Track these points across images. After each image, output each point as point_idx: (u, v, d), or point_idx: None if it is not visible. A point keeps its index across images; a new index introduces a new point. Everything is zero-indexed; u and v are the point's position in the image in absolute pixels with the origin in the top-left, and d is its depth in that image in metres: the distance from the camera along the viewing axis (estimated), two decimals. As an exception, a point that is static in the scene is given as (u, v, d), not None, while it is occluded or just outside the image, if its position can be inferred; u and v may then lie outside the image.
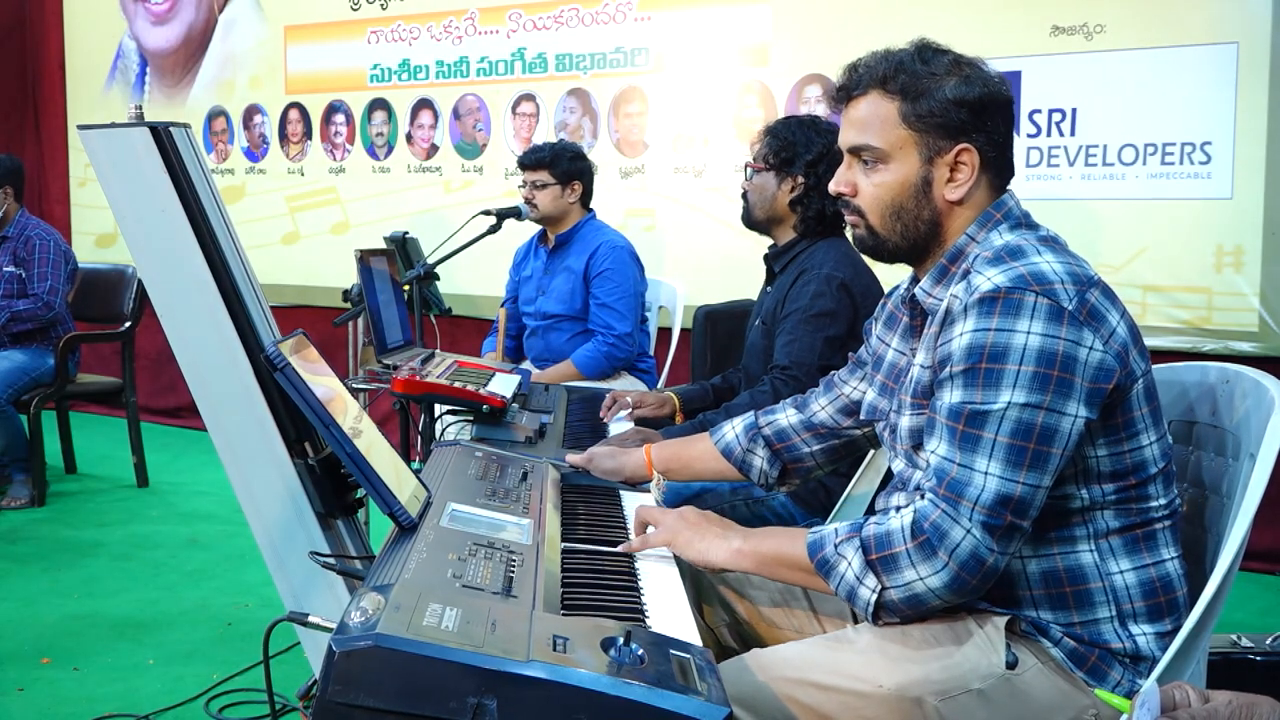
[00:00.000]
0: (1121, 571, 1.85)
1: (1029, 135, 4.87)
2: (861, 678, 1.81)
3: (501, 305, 4.94)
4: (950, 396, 1.80)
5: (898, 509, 1.86)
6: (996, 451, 1.75)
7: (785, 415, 2.41)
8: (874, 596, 1.81)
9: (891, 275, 2.31)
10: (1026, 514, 1.75)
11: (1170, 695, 1.28)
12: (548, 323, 4.69)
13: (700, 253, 5.70)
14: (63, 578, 4.49)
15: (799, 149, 3.22)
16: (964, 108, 1.91)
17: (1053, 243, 1.89)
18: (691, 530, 2.02)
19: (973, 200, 1.94)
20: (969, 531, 1.74)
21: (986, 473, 1.74)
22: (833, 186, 2.02)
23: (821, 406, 2.36)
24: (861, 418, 2.22)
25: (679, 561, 2.02)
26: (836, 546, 1.85)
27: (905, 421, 1.98)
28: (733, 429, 2.45)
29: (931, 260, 1.97)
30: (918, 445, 1.94)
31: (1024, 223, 1.94)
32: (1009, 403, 1.74)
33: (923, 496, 1.82)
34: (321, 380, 1.87)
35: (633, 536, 2.08)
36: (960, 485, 1.76)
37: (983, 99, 1.92)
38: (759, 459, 2.41)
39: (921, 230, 1.95)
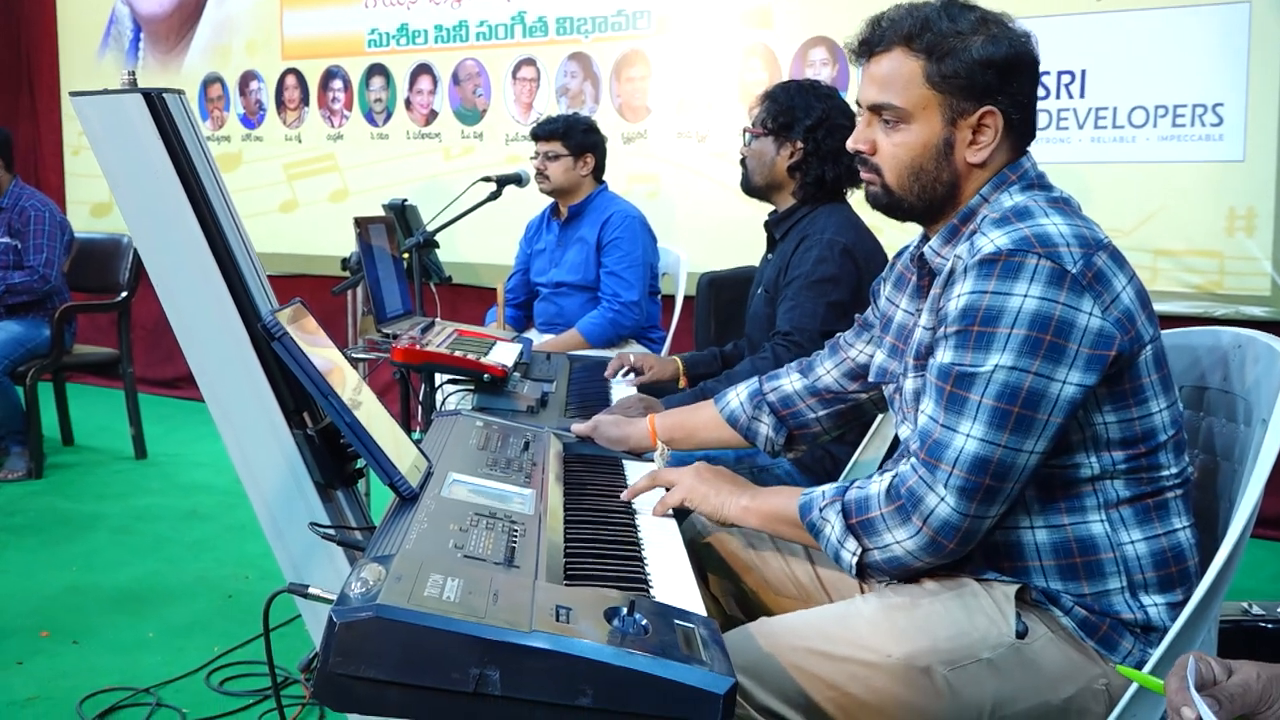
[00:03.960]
0: (1133, 542, 1.84)
1: (1039, 97, 4.85)
2: (870, 647, 1.82)
3: (508, 278, 4.94)
4: (942, 357, 1.81)
5: (881, 473, 1.88)
6: (980, 414, 1.75)
7: (789, 380, 2.41)
8: (854, 559, 1.85)
9: (893, 241, 2.30)
10: (1008, 477, 1.76)
11: (1197, 669, 1.28)
12: (560, 290, 4.70)
13: (704, 219, 5.68)
14: (61, 551, 4.51)
15: (798, 114, 3.21)
16: (990, 69, 1.88)
17: (1063, 204, 1.88)
18: (707, 485, 2.08)
19: (993, 163, 1.92)
20: (943, 499, 1.76)
21: (968, 435, 1.75)
22: (850, 143, 1.99)
23: (827, 370, 2.36)
24: (870, 380, 2.22)
25: (682, 531, 2.03)
26: (821, 510, 1.90)
27: (909, 384, 1.98)
28: (737, 396, 2.46)
29: (944, 220, 1.96)
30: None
31: (1037, 184, 1.92)
32: (997, 365, 1.74)
33: (906, 459, 1.84)
34: (320, 350, 1.87)
35: (641, 499, 2.11)
36: (940, 447, 1.77)
37: (1009, 59, 1.89)
38: (764, 426, 2.41)
39: (939, 192, 1.94)
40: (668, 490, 2.13)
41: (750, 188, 3.34)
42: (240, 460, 1.98)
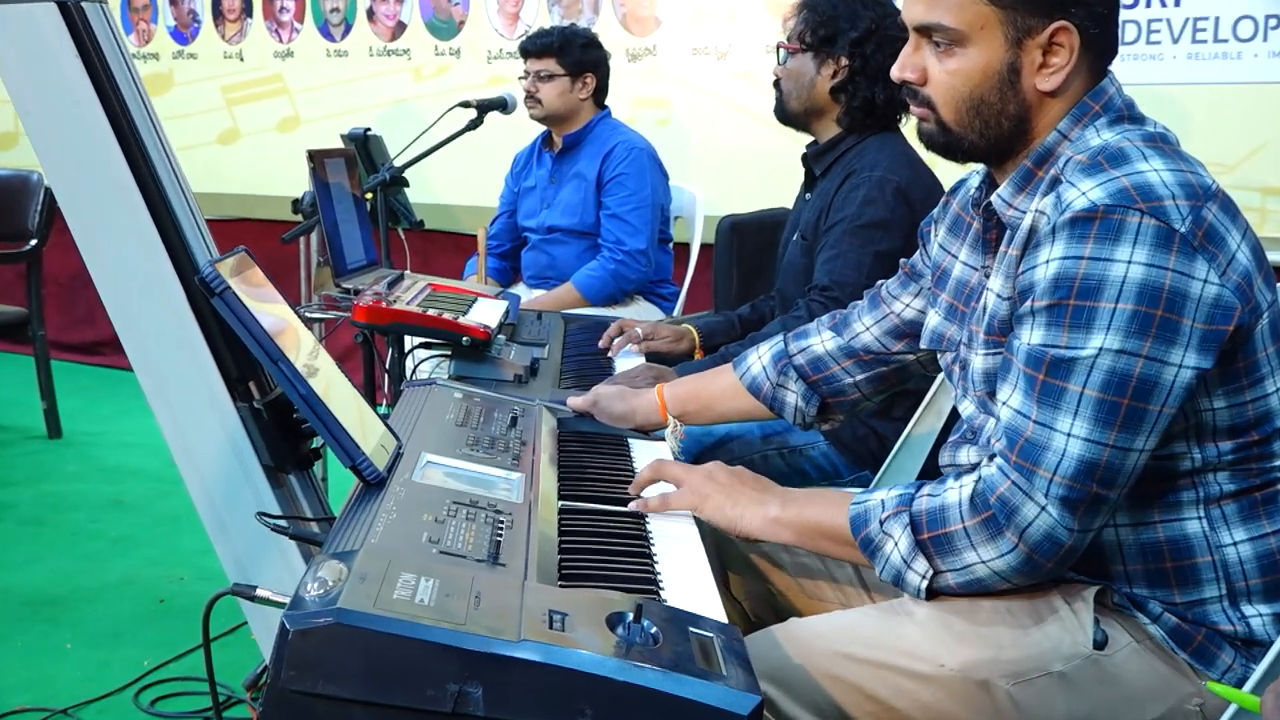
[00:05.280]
0: (1235, 543, 1.84)
1: (1124, 6, 4.83)
2: (920, 655, 1.82)
3: (491, 223, 4.93)
4: (1030, 337, 1.78)
5: (958, 475, 1.86)
6: (1083, 408, 1.73)
7: (820, 340, 2.41)
8: (924, 583, 1.83)
9: (954, 178, 2.29)
10: (1115, 483, 1.74)
11: None
12: (553, 236, 4.69)
13: (724, 151, 5.67)
14: (-40, 547, 4.52)
15: (841, 24, 3.19)
16: None
17: (1161, 142, 1.84)
18: (722, 493, 2.03)
19: (1069, 90, 1.89)
20: (1044, 509, 1.74)
21: (1069, 434, 1.73)
22: (896, 72, 1.96)
23: (865, 327, 2.36)
24: (923, 345, 2.21)
25: (700, 522, 2.03)
26: (882, 523, 1.86)
27: (978, 362, 1.96)
28: (759, 359, 2.46)
29: (1014, 162, 1.93)
30: (993, 392, 1.90)
31: (1127, 115, 1.89)
32: (1101, 348, 1.71)
33: (991, 460, 1.81)
34: (268, 307, 1.88)
35: (643, 492, 2.10)
36: (1037, 450, 1.75)
37: None
38: (792, 394, 2.42)
39: (1005, 127, 1.91)
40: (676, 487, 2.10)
41: (786, 115, 3.33)
42: (175, 439, 2.00)
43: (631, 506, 2.03)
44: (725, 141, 5.67)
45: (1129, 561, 1.86)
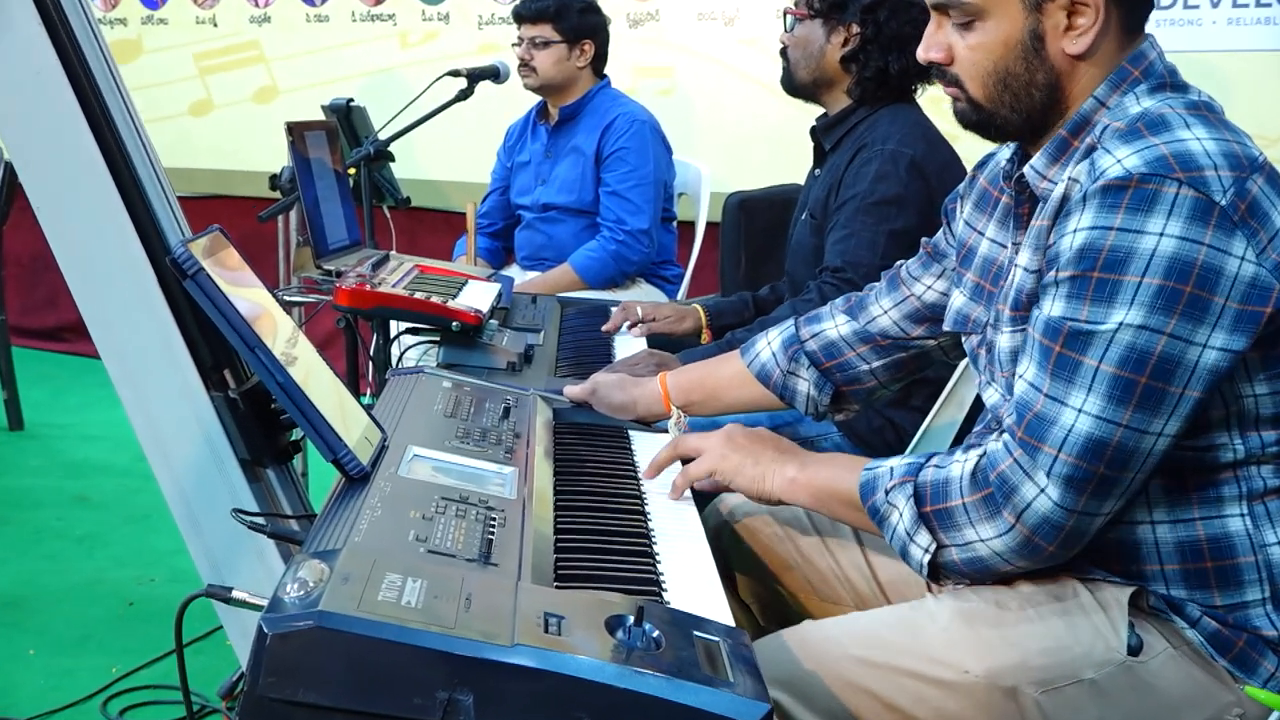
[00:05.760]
0: (1281, 542, 1.85)
1: (1160, -33, 4.83)
2: (942, 660, 1.83)
3: (482, 200, 4.93)
4: (1051, 309, 1.79)
5: (967, 447, 1.88)
6: (1098, 383, 1.73)
7: (834, 323, 2.41)
8: (926, 557, 1.84)
9: (972, 152, 2.29)
10: (1129, 465, 1.74)
11: None
12: (548, 214, 4.68)
13: (732, 124, 5.67)
14: (-84, 546, 4.53)
15: (852, -10, 3.20)
16: None
17: (1205, 110, 1.84)
18: (741, 453, 2.08)
19: (1102, 52, 1.89)
20: (1043, 490, 1.75)
21: (1080, 410, 1.74)
22: (921, 54, 1.97)
23: (883, 311, 2.36)
24: (946, 327, 2.21)
25: (704, 519, 2.04)
26: (888, 492, 1.89)
27: (1004, 341, 1.96)
28: (768, 345, 2.46)
29: (1049, 134, 1.94)
30: None
31: (1169, 83, 1.89)
32: (1121, 323, 1.72)
33: (999, 435, 1.83)
34: (244, 291, 1.88)
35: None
36: (1043, 425, 1.76)
37: None
38: (804, 382, 2.42)
39: (1036, 98, 1.91)
40: (692, 461, 2.13)
41: (794, 85, 3.33)
42: (145, 431, 2.00)
43: (675, 487, 2.09)
44: (733, 113, 5.67)
45: (1166, 561, 1.86)
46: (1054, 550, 1.78)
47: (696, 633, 1.45)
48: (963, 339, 2.18)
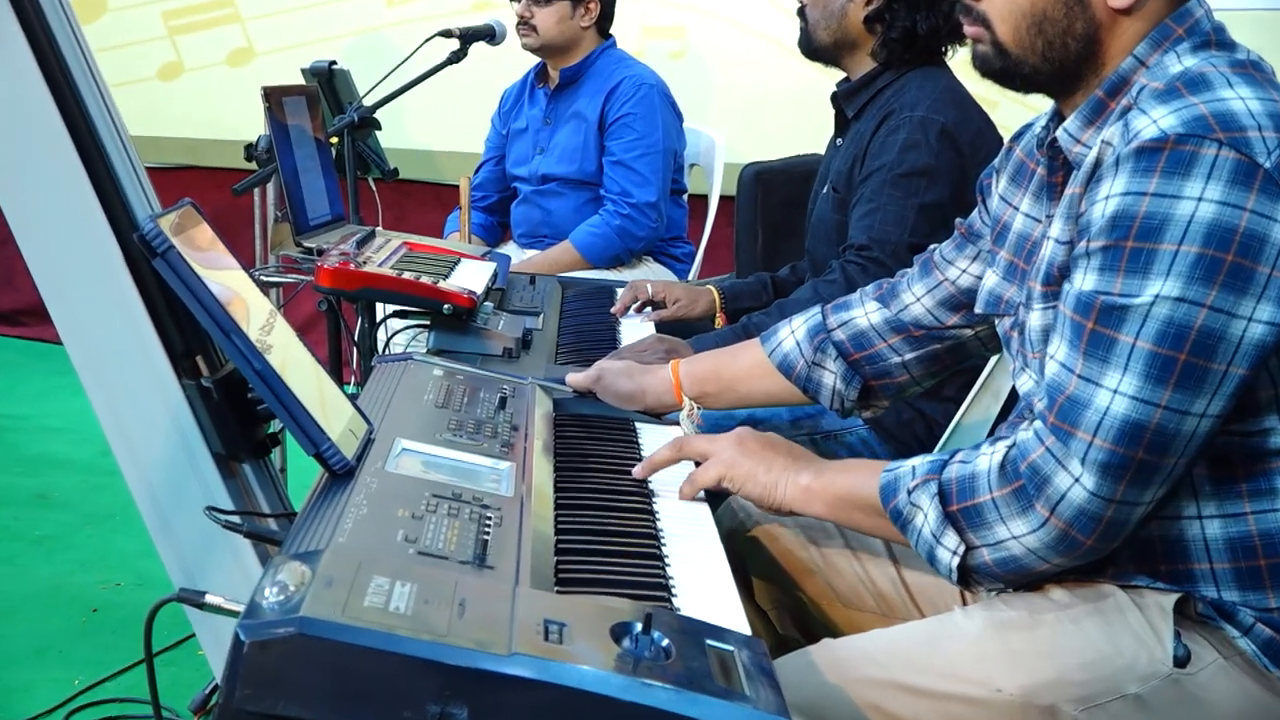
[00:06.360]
0: (1342, 537, 1.85)
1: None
2: (973, 679, 1.83)
3: (475, 171, 4.93)
4: (1082, 282, 1.79)
5: (994, 440, 1.87)
6: (1134, 362, 1.73)
7: (864, 311, 2.41)
8: (955, 560, 1.84)
9: (1011, 120, 2.29)
10: (1169, 449, 1.74)
11: None
12: (547, 187, 4.68)
13: (748, 88, 5.66)
14: None
15: (876, -59, 3.20)
16: None
17: (1252, 69, 1.85)
18: (752, 459, 2.07)
19: (1147, 7, 1.89)
20: (1077, 479, 1.75)
21: (1116, 391, 1.74)
22: None
23: (916, 298, 2.36)
24: (978, 310, 2.22)
25: (718, 519, 2.04)
26: (910, 493, 1.88)
27: (1035, 319, 1.97)
28: (791, 334, 2.46)
29: (1083, 92, 1.94)
30: None
31: (1214, 41, 1.89)
32: (1158, 295, 1.71)
33: (1030, 423, 1.83)
34: (219, 271, 1.88)
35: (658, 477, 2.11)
36: (1077, 409, 1.76)
37: None
38: (830, 375, 2.42)
39: (1071, 49, 1.92)
40: (699, 465, 2.13)
41: (813, 48, 3.33)
42: (110, 422, 2.00)
43: (682, 494, 2.09)
44: (749, 77, 5.67)
45: (1215, 559, 1.86)
46: (1093, 544, 1.78)
47: (709, 641, 1.45)
48: (995, 323, 2.18)
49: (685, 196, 4.86)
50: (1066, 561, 1.82)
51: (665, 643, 1.40)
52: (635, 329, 3.20)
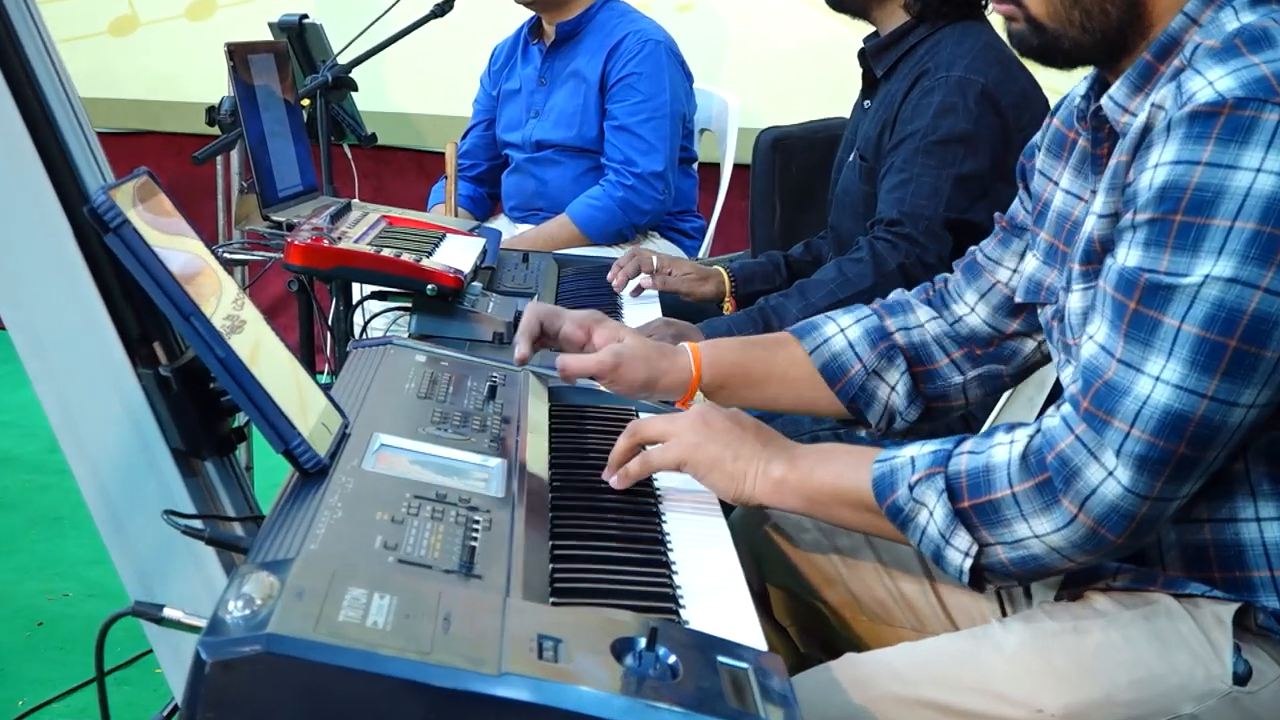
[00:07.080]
0: None
1: None
2: (1012, 698, 1.84)
3: (462, 137, 4.93)
4: (1126, 257, 1.79)
5: (1010, 428, 1.86)
6: (1179, 346, 1.73)
7: (920, 317, 2.37)
8: (968, 562, 1.84)
9: (1057, 84, 2.29)
10: (1212, 444, 1.74)
11: None
12: (542, 154, 4.67)
13: (764, 47, 5.67)
14: None
15: (908, -116, 3.20)
16: None
17: None
18: (718, 444, 2.01)
19: None
20: (1111, 473, 1.74)
21: (1158, 378, 1.73)
22: None
23: (970, 307, 2.33)
24: (1019, 300, 2.21)
25: (732, 524, 2.03)
26: (912, 487, 1.87)
27: (1075, 300, 1.97)
28: (840, 332, 2.39)
29: (1130, 57, 1.94)
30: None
31: None
32: (1208, 276, 1.71)
33: (1057, 409, 1.82)
34: (178, 249, 1.89)
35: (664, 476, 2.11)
36: (1115, 395, 1.76)
37: None
38: (886, 389, 2.37)
39: (1113, 16, 1.92)
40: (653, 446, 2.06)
41: (840, -1, 3.33)
42: (59, 417, 2.00)
43: (613, 483, 2.02)
44: (766, 32, 5.67)
45: (1276, 566, 1.87)
46: (1122, 542, 1.78)
47: (721, 658, 1.45)
48: (1037, 311, 2.17)
49: (695, 165, 4.86)
50: (1090, 560, 1.82)
51: (672, 660, 1.41)
52: (640, 313, 3.20)
